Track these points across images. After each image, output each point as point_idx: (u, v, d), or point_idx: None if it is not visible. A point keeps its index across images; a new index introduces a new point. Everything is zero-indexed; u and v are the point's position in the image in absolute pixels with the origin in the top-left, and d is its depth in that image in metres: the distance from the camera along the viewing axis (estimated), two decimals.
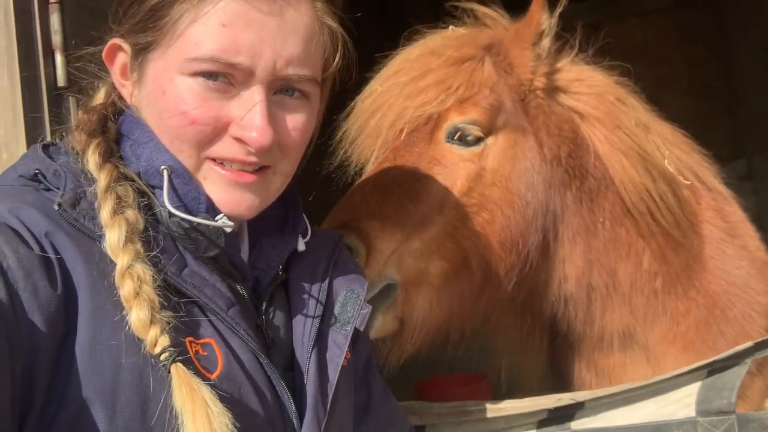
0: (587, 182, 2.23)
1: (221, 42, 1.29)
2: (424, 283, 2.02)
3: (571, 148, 2.21)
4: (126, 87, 1.43)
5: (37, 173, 1.31)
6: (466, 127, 2.11)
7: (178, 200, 1.33)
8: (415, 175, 2.08)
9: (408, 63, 2.23)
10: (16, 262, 1.12)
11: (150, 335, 1.16)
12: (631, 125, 2.25)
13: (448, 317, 2.10)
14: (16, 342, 1.08)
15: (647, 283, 2.27)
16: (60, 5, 2.05)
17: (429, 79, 2.15)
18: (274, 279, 1.50)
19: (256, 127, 1.31)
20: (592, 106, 2.26)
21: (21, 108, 1.93)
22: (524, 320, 2.41)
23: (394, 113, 2.17)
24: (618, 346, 2.31)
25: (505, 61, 2.23)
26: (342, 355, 1.48)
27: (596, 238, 2.23)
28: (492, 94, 2.15)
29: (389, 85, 2.21)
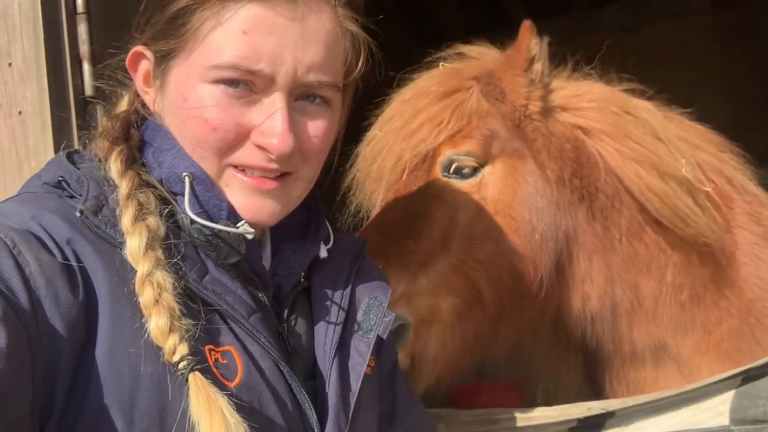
0: (598, 200, 2.20)
1: (242, 49, 1.29)
2: (435, 320, 2.01)
3: (575, 167, 2.19)
4: (149, 94, 1.44)
5: (61, 180, 1.32)
6: (459, 159, 2.11)
7: (199, 207, 1.34)
8: (416, 212, 2.08)
9: (402, 105, 2.26)
10: (38, 269, 1.13)
11: (169, 343, 1.16)
12: (640, 133, 2.21)
13: (462, 351, 2.08)
14: (37, 349, 1.09)
15: (673, 296, 2.22)
16: (87, 15, 2.08)
17: (420, 118, 2.17)
18: (295, 286, 1.49)
19: (276, 133, 1.31)
20: (596, 119, 2.23)
21: (49, 117, 1.97)
22: (558, 341, 2.38)
23: (393, 156, 2.19)
24: (650, 360, 2.27)
25: (497, 90, 2.23)
26: (364, 363, 1.47)
27: (614, 255, 2.20)
28: (483, 123, 2.15)
29: (387, 129, 2.25)
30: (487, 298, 2.06)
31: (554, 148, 2.18)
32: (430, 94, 2.21)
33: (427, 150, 2.14)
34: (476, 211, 2.08)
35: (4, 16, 2.04)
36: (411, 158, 2.16)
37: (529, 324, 2.22)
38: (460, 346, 2.05)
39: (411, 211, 2.09)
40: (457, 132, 2.13)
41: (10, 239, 1.14)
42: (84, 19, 2.07)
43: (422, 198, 2.10)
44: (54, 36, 2.03)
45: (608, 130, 2.21)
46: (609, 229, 2.20)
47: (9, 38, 2.03)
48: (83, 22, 2.07)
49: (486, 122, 2.15)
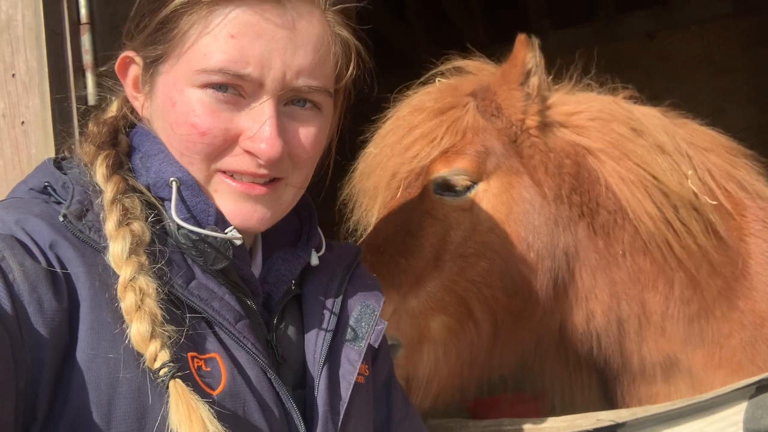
0: (600, 216, 2.16)
1: (230, 53, 1.28)
2: (426, 340, 1.98)
3: (574, 184, 2.15)
4: (138, 99, 1.43)
5: (47, 186, 1.32)
6: (452, 178, 2.09)
7: (186, 212, 1.32)
8: (408, 230, 2.06)
9: (397, 122, 2.25)
10: (21, 275, 1.12)
11: (150, 350, 1.14)
12: (640, 152, 2.16)
13: (458, 370, 2.04)
14: (20, 355, 1.08)
15: (680, 310, 2.16)
16: (91, 26, 2.09)
17: (415, 134, 2.16)
18: (285, 294, 1.47)
19: (265, 138, 1.30)
20: (595, 138, 2.19)
21: (51, 127, 1.97)
22: (568, 359, 2.33)
23: (388, 173, 2.18)
24: (661, 375, 2.22)
25: (492, 105, 2.20)
26: (355, 372, 1.44)
27: (618, 270, 2.15)
28: (478, 140, 2.12)
29: (382, 146, 2.24)
30: (480, 317, 2.03)
31: (552, 164, 2.14)
32: (425, 110, 2.20)
33: (421, 166, 2.13)
34: (469, 229, 2.05)
35: (8, 28, 2.05)
36: (405, 174, 2.15)
37: (530, 343, 2.18)
38: (454, 365, 2.02)
39: (404, 229, 2.07)
40: (450, 148, 2.11)
41: None
42: (87, 29, 2.08)
43: (415, 215, 2.09)
44: (57, 46, 2.04)
45: (607, 149, 2.17)
46: (612, 245, 2.15)
47: (13, 49, 2.04)
48: (87, 33, 2.08)
49: (481, 138, 2.13)
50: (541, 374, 2.37)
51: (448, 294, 1.99)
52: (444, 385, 2.03)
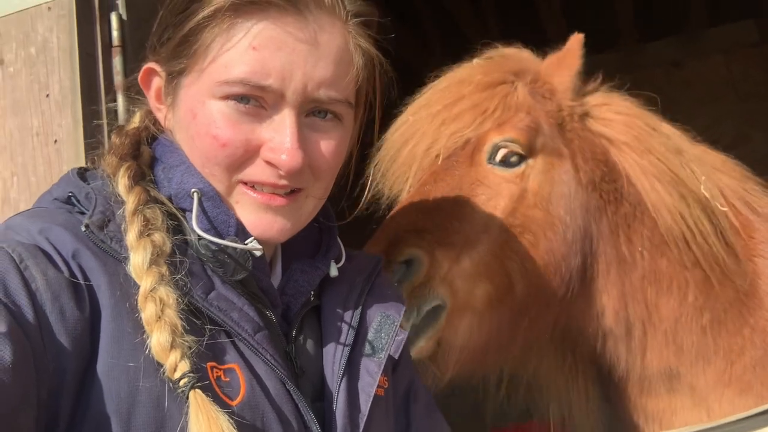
0: (622, 207, 2.19)
1: (251, 65, 1.29)
2: (468, 307, 2.00)
3: (604, 171, 2.20)
4: (161, 111, 1.45)
5: (71, 196, 1.34)
6: (507, 145, 2.12)
7: (207, 223, 1.34)
8: (459, 196, 2.08)
9: (438, 93, 2.26)
10: (44, 284, 1.13)
11: (170, 360, 1.15)
12: (662, 149, 2.20)
13: (485, 345, 2.05)
14: (42, 364, 1.08)
15: (694, 319, 2.15)
16: (122, 49, 2.15)
17: (463, 104, 2.17)
18: (304, 305, 1.47)
19: (286, 149, 1.30)
20: (619, 130, 2.25)
21: (83, 146, 2.02)
22: (564, 360, 2.32)
23: (428, 140, 2.18)
24: (664, 388, 2.19)
25: (545, 87, 2.26)
26: (374, 384, 1.43)
27: (634, 269, 2.16)
28: (528, 117, 2.16)
29: (421, 115, 2.24)
30: (519, 290, 2.05)
31: (588, 151, 2.20)
32: (472, 82, 2.22)
33: (470, 136, 2.15)
34: (518, 201, 2.09)
35: (43, 50, 2.12)
36: (449, 143, 2.17)
37: (545, 330, 2.19)
38: (485, 338, 2.05)
39: (453, 195, 2.09)
40: (504, 121, 2.15)
41: (17, 254, 1.15)
42: (119, 52, 2.14)
43: (465, 183, 2.11)
44: (90, 68, 2.09)
45: (631, 142, 2.21)
46: (631, 241, 2.16)
47: (48, 70, 2.10)
48: (118, 55, 2.14)
49: (531, 116, 2.17)
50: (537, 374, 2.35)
51: (495, 261, 2.02)
52: (470, 358, 2.05)
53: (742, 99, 6.24)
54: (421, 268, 1.92)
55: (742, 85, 6.21)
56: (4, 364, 1.01)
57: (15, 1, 2.18)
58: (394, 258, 1.93)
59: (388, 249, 1.94)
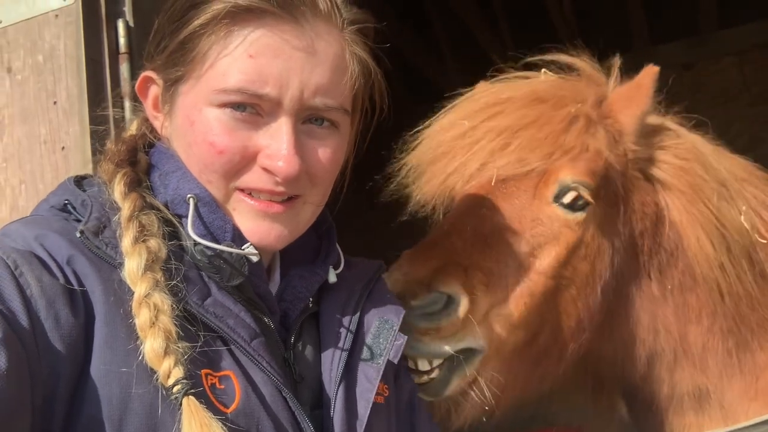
0: (658, 255, 2.10)
1: (248, 73, 1.30)
2: (498, 353, 1.89)
3: (646, 225, 2.08)
4: (158, 119, 1.45)
5: (67, 204, 1.34)
6: (578, 188, 1.94)
7: (204, 228, 1.34)
8: (518, 232, 1.94)
9: (502, 106, 2.06)
10: (39, 290, 1.14)
11: (163, 366, 1.14)
12: (710, 194, 2.09)
13: (505, 388, 1.95)
14: (37, 371, 1.09)
15: (721, 342, 2.11)
16: (129, 56, 2.15)
17: (534, 129, 1.99)
18: (303, 312, 1.47)
19: (282, 156, 1.31)
20: (675, 175, 2.11)
21: (90, 153, 2.02)
22: (587, 384, 2.29)
23: (484, 156, 1.99)
24: (690, 406, 2.15)
25: (614, 127, 2.07)
26: (373, 389, 1.42)
27: (663, 305, 2.10)
28: (602, 161, 2.00)
29: (481, 122, 2.05)
30: (542, 341, 1.96)
31: (639, 201, 2.07)
32: (545, 103, 2.04)
33: (537, 166, 1.97)
34: (573, 251, 1.96)
35: (51, 57, 2.13)
36: (509, 168, 1.97)
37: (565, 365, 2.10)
38: (505, 382, 1.94)
39: (512, 228, 1.94)
40: (578, 159, 1.98)
41: (12, 260, 1.15)
42: (126, 59, 2.15)
43: (526, 218, 1.96)
44: (97, 75, 2.10)
45: (685, 189, 2.09)
46: (661, 282, 2.10)
47: (55, 78, 2.11)
48: (125, 62, 2.15)
49: (605, 161, 2.00)
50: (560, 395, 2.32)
51: (536, 311, 1.91)
52: (506, 399, 1.97)
53: (755, 101, 6.20)
54: (458, 309, 1.79)
55: (754, 86, 6.17)
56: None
57: (22, 9, 2.19)
58: (436, 286, 1.80)
59: (435, 272, 1.82)
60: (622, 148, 2.06)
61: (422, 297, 1.77)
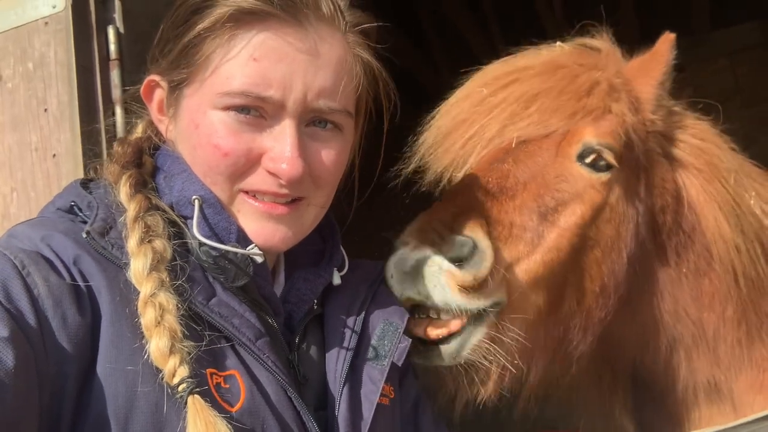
0: (677, 237, 2.10)
1: (252, 76, 1.31)
2: (519, 311, 1.82)
3: (667, 201, 2.08)
4: (163, 122, 1.47)
5: (73, 205, 1.36)
6: (602, 150, 1.93)
7: (208, 229, 1.35)
8: (542, 187, 1.90)
9: (526, 72, 2.05)
10: (46, 290, 1.15)
11: (169, 365, 1.16)
12: (730, 179, 2.12)
13: (529, 357, 1.89)
14: (44, 370, 1.10)
15: (731, 331, 2.11)
16: (120, 62, 2.15)
17: (562, 94, 1.98)
18: (307, 314, 1.48)
19: (286, 158, 1.32)
20: (694, 155, 2.13)
21: (81, 159, 2.02)
22: (602, 377, 2.26)
23: (504, 119, 1.97)
24: (703, 398, 2.15)
25: (632, 95, 2.07)
26: (378, 391, 1.43)
27: (682, 289, 2.10)
28: (625, 125, 1.99)
29: (499, 88, 2.03)
30: (566, 306, 1.91)
31: (659, 177, 2.08)
32: (565, 68, 2.04)
33: (558, 127, 1.95)
34: (597, 211, 1.91)
35: (41, 65, 2.12)
36: (530, 129, 1.95)
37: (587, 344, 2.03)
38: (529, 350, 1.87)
39: (534, 184, 1.91)
40: (601, 120, 1.97)
41: (19, 261, 1.17)
42: (116, 65, 2.14)
43: (549, 174, 1.92)
44: (87, 82, 2.10)
45: (703, 168, 2.11)
46: (678, 265, 2.10)
47: (45, 85, 2.11)
48: (116, 68, 2.14)
49: (625, 122, 1.99)
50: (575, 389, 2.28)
51: (559, 269, 1.86)
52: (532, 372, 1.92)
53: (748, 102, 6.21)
54: (484, 258, 1.71)
55: (747, 87, 6.18)
56: (6, 369, 1.02)
57: (12, 17, 2.19)
58: (459, 229, 1.73)
59: (457, 217, 1.77)
60: (641, 117, 2.06)
61: (447, 238, 1.71)
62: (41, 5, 2.15)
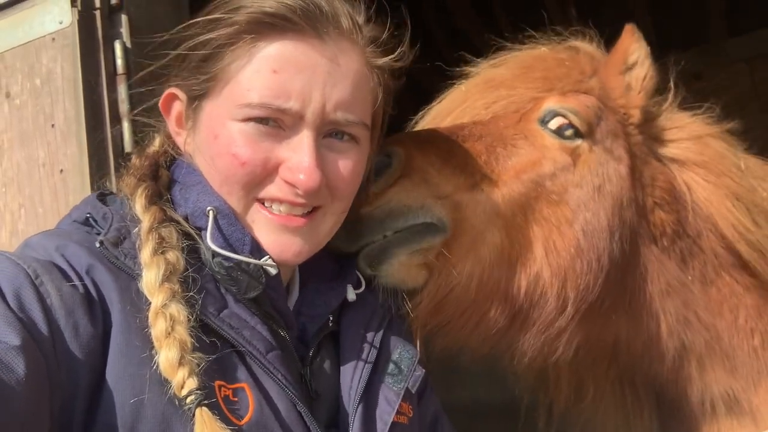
0: (681, 241, 2.09)
1: (272, 88, 1.34)
2: (472, 248, 1.76)
3: (665, 198, 2.07)
4: (181, 135, 1.50)
5: (89, 217, 1.39)
6: (566, 114, 1.95)
7: (223, 240, 1.36)
8: (496, 138, 1.93)
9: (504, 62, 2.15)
10: (58, 299, 1.17)
11: (177, 377, 1.17)
12: (734, 169, 2.11)
13: (484, 307, 1.81)
14: (56, 378, 1.12)
15: (745, 340, 2.09)
16: (127, 77, 2.15)
17: (534, 73, 2.06)
18: (322, 329, 1.49)
19: (304, 169, 1.34)
20: (696, 151, 2.13)
21: (88, 174, 2.03)
22: (625, 396, 2.22)
23: (482, 102, 2.05)
24: (723, 411, 2.12)
25: (603, 88, 2.13)
26: (392, 412, 1.44)
27: (690, 294, 2.07)
28: (596, 102, 2.02)
29: (478, 83, 2.13)
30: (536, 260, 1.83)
31: (649, 176, 2.08)
32: (542, 59, 2.12)
33: (531, 98, 2.02)
34: (563, 171, 1.92)
35: (48, 81, 2.15)
36: (505, 105, 2.03)
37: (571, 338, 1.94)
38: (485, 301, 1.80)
39: (490, 135, 1.93)
40: (569, 92, 2.02)
41: (32, 270, 1.19)
42: (123, 79, 2.16)
43: (508, 134, 1.95)
44: (94, 97, 2.12)
45: (707, 163, 2.10)
46: (683, 271, 2.08)
47: (52, 100, 2.13)
48: (123, 83, 2.15)
49: (599, 104, 2.03)
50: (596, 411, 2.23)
51: (519, 213, 1.84)
52: (462, 312, 1.80)
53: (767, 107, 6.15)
54: (394, 164, 1.70)
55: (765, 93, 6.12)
56: (17, 376, 1.04)
57: (19, 34, 2.21)
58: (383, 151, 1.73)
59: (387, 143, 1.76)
60: (611, 107, 2.10)
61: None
62: (48, 21, 2.17)
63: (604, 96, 2.11)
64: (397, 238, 1.70)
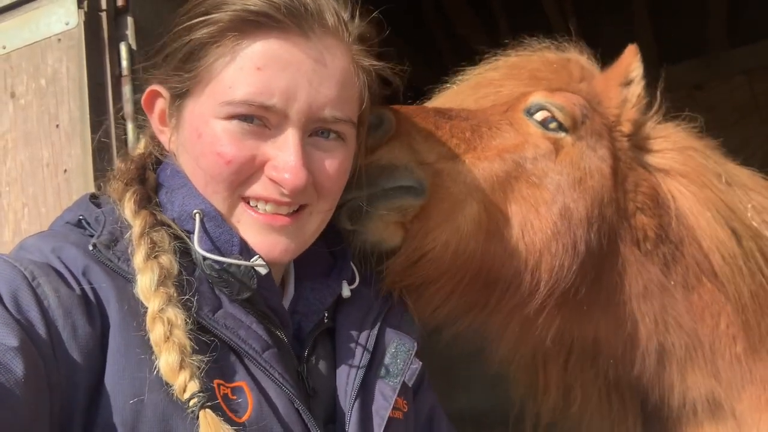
0: (663, 246, 2.10)
1: (255, 85, 1.33)
2: (450, 217, 1.79)
3: (648, 204, 2.09)
4: (165, 133, 1.49)
5: (81, 219, 1.38)
6: (551, 108, 1.99)
7: (210, 243, 1.36)
8: (482, 121, 1.98)
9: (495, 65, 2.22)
10: (56, 301, 1.17)
11: (179, 380, 1.17)
12: (719, 182, 2.14)
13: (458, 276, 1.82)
14: (54, 380, 1.12)
15: (727, 346, 2.10)
16: (132, 78, 2.16)
17: (523, 72, 2.14)
18: (317, 326, 1.49)
19: (290, 168, 1.33)
20: (680, 162, 2.16)
21: (92, 175, 2.03)
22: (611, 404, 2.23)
23: (475, 96, 2.12)
24: (704, 415, 2.13)
25: (595, 95, 2.18)
26: (389, 407, 1.44)
27: (671, 298, 2.08)
28: (583, 101, 2.07)
29: (470, 84, 2.20)
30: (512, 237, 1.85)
31: (633, 182, 2.10)
32: (534, 60, 2.19)
33: (519, 93, 2.08)
34: (544, 157, 1.95)
35: (53, 81, 2.16)
36: (494, 99, 2.11)
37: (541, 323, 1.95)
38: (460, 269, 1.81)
39: (475, 118, 1.98)
40: (557, 89, 2.08)
41: (29, 272, 1.19)
42: (128, 81, 2.17)
43: (492, 120, 2.00)
44: (99, 97, 2.14)
45: (690, 173, 2.14)
46: (666, 277, 2.09)
47: (57, 101, 2.14)
48: (128, 84, 2.17)
49: (585, 103, 2.08)
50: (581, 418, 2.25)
51: (499, 189, 1.87)
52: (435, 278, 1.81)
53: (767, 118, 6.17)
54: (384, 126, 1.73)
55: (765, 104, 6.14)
56: (16, 378, 1.04)
57: (26, 34, 2.22)
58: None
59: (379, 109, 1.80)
60: (601, 114, 2.15)
61: None
62: (54, 22, 2.18)
63: (593, 100, 2.15)
64: (379, 193, 1.72)
